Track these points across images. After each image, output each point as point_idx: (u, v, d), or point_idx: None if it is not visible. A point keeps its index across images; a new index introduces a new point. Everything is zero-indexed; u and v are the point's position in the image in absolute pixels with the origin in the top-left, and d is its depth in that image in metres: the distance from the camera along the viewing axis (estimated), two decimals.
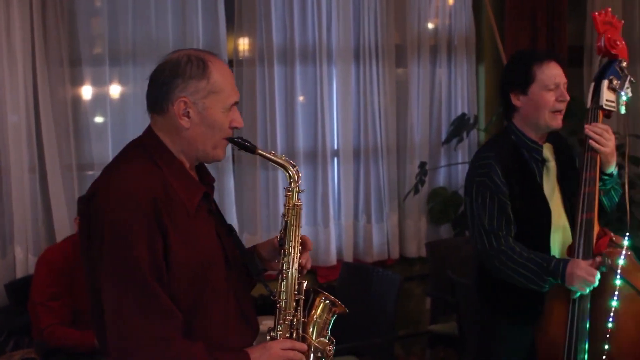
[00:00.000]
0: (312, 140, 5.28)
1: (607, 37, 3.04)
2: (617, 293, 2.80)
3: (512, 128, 3.09)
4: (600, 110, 3.01)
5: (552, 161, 3.08)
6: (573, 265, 2.84)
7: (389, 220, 5.52)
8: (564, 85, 3.02)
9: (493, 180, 2.98)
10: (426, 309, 5.57)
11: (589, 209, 2.91)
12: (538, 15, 5.62)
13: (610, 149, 2.95)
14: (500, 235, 2.96)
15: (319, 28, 5.20)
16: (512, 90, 3.04)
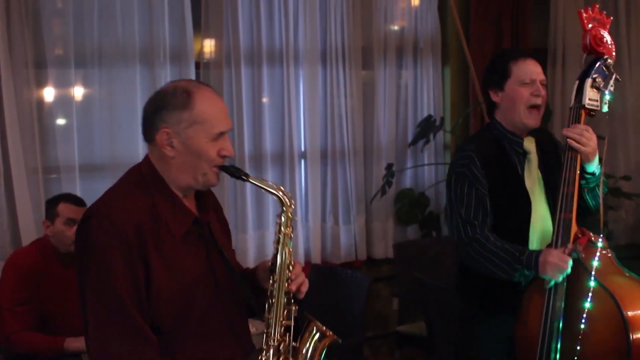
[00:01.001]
0: (279, 143, 5.28)
1: (593, 34, 3.05)
2: (590, 294, 2.81)
3: (494, 123, 3.18)
4: (583, 109, 3.02)
5: (533, 153, 3.14)
6: (545, 254, 2.88)
7: (356, 222, 5.54)
8: (541, 81, 3.08)
9: (472, 172, 3.06)
10: (393, 309, 5.60)
11: (567, 209, 2.93)
12: (503, 17, 5.68)
13: (591, 149, 2.98)
14: (476, 225, 3.03)
15: (285, 30, 5.20)
16: (491, 87, 3.14)
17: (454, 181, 3.11)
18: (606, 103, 3.04)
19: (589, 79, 3.02)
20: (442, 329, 4.29)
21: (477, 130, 3.68)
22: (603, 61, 3.05)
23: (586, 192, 3.09)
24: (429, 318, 4.55)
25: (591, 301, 2.81)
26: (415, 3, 5.70)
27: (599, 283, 2.82)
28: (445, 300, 4.22)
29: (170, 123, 2.19)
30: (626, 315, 2.74)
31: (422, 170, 5.78)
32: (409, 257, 5.24)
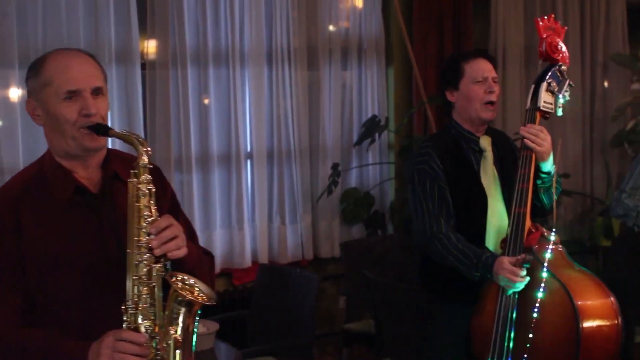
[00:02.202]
0: (225, 143, 5.28)
1: (549, 42, 3.18)
2: (543, 285, 2.93)
3: (451, 123, 3.30)
4: (538, 111, 3.14)
5: (489, 151, 3.26)
6: (498, 265, 2.98)
7: (302, 222, 5.58)
8: (493, 79, 3.22)
9: (432, 168, 3.19)
10: (340, 308, 5.65)
11: (522, 203, 3.04)
12: (445, 19, 5.78)
13: (545, 148, 3.09)
14: (441, 222, 3.14)
15: (231, 31, 5.21)
16: (446, 87, 3.27)
17: (417, 178, 3.22)
18: (560, 107, 3.17)
19: (544, 83, 3.14)
20: (389, 326, 4.36)
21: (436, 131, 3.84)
22: (557, 67, 3.18)
23: (542, 191, 3.20)
24: (376, 315, 4.61)
25: (544, 291, 2.92)
26: (359, 4, 5.76)
27: (551, 274, 2.93)
28: (393, 296, 4.29)
29: (31, 92, 2.18)
30: (577, 304, 2.86)
31: (367, 170, 5.85)
32: (356, 256, 5.30)
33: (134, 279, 2.08)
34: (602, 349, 2.91)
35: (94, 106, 2.13)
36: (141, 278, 2.08)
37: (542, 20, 3.22)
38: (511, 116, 6.09)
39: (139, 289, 2.08)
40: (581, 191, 6.34)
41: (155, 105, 5.00)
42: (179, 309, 2.08)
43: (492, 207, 3.21)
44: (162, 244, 2.07)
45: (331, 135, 5.67)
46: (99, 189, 2.21)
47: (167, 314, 2.09)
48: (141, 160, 2.11)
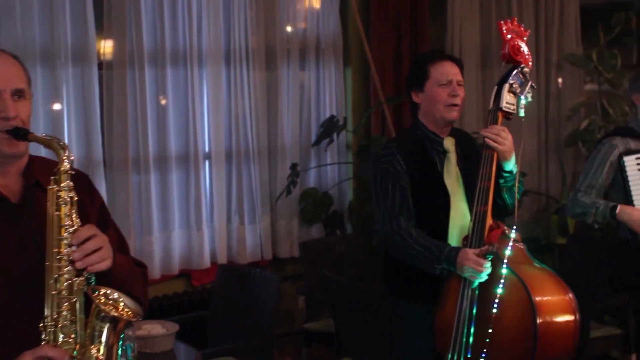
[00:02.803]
0: (183, 143, 5.25)
1: (511, 44, 3.23)
2: (503, 281, 2.97)
3: (416, 123, 3.35)
4: (500, 111, 3.20)
5: (452, 152, 3.31)
6: (462, 256, 3.04)
7: (261, 222, 5.58)
8: (458, 82, 3.26)
9: (395, 167, 3.22)
10: (299, 308, 5.66)
11: (483, 202, 3.10)
12: (402, 20, 5.82)
13: (507, 147, 3.15)
14: (401, 220, 3.18)
15: (189, 31, 5.19)
16: (412, 89, 3.32)
17: (379, 177, 3.26)
18: (522, 107, 3.22)
19: (507, 84, 3.20)
20: (349, 325, 4.38)
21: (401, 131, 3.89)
22: (520, 69, 3.23)
23: (505, 191, 3.26)
24: (335, 314, 4.63)
25: (503, 287, 2.97)
26: (317, 5, 5.78)
27: (511, 270, 2.99)
28: (353, 296, 4.31)
29: None
30: (534, 300, 2.91)
31: (326, 170, 5.87)
32: (315, 256, 5.31)
33: (53, 294, 1.94)
34: (560, 344, 2.96)
35: (13, 109, 2.02)
36: (61, 293, 1.94)
37: (505, 23, 3.27)
38: (467, 116, 6.14)
39: (59, 305, 1.94)
40: (537, 190, 6.43)
41: (112, 105, 4.96)
42: (102, 326, 1.96)
43: (455, 207, 3.25)
44: (84, 256, 1.94)
45: (289, 136, 5.67)
46: (19, 198, 2.08)
47: (88, 332, 1.96)
48: (62, 166, 2.00)
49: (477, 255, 3.01)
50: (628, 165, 3.86)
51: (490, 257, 3.00)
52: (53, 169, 2.03)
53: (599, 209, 3.90)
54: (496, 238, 3.06)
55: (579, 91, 6.55)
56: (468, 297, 3.04)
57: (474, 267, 2.99)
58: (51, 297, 1.95)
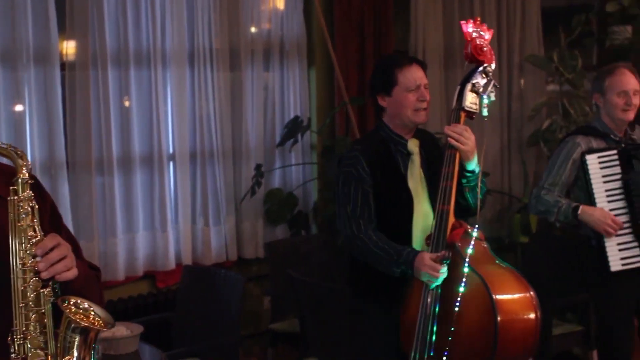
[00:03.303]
0: (147, 145, 5.23)
1: (474, 44, 3.23)
2: (464, 280, 3.01)
3: (381, 125, 3.35)
4: (463, 111, 3.21)
5: (416, 154, 3.31)
6: (419, 261, 3.07)
7: (226, 223, 5.57)
8: (425, 86, 3.27)
9: (358, 171, 3.23)
10: (265, 308, 5.66)
11: (445, 201, 3.12)
12: (365, 21, 5.85)
13: (469, 147, 3.17)
14: (361, 223, 3.19)
15: (153, 32, 5.17)
16: (378, 92, 3.31)
17: (341, 180, 3.27)
18: (485, 107, 3.23)
19: (469, 83, 3.22)
20: (314, 325, 4.40)
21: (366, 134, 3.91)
22: (483, 68, 3.24)
23: (467, 190, 3.28)
24: (301, 314, 4.65)
25: (465, 286, 3.01)
26: (281, 6, 5.79)
27: (472, 269, 3.01)
28: (318, 295, 4.33)
29: None
30: (494, 298, 2.95)
31: (290, 171, 5.88)
32: (280, 256, 5.33)
33: (21, 306, 1.91)
34: (520, 341, 3.00)
35: None
36: (28, 305, 1.91)
37: (468, 23, 3.28)
38: (431, 116, 6.14)
39: (27, 317, 1.91)
40: (499, 189, 6.49)
41: (75, 106, 4.93)
42: (73, 337, 1.93)
43: (418, 209, 3.27)
44: (50, 266, 1.90)
45: (254, 136, 5.67)
46: None
47: (60, 343, 1.93)
48: (22, 176, 1.95)
49: (433, 260, 3.03)
50: (590, 163, 3.92)
51: (447, 262, 3.02)
52: (9, 177, 1.98)
53: (561, 208, 3.96)
54: (458, 237, 3.09)
55: (541, 92, 6.62)
56: (430, 296, 3.07)
57: (429, 273, 3.02)
58: (19, 310, 1.91)
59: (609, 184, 3.90)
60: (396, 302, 3.21)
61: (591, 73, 6.91)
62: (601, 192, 3.90)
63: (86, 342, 1.95)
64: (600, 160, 3.91)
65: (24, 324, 1.92)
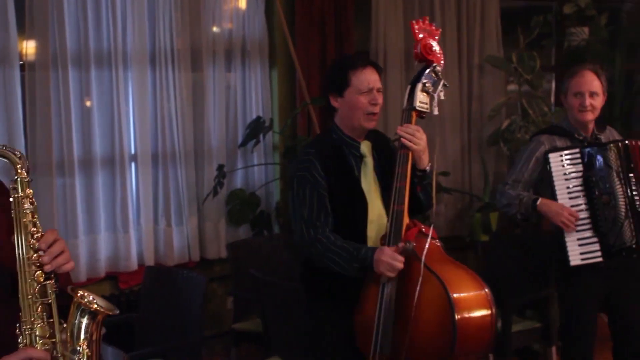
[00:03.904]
0: (109, 146, 5.22)
1: (423, 43, 3.24)
2: (421, 279, 3.02)
3: (333, 127, 3.33)
4: (414, 111, 3.22)
5: (369, 157, 3.31)
6: (379, 252, 3.07)
7: (189, 223, 5.57)
8: (378, 89, 3.25)
9: (312, 175, 3.20)
10: (228, 308, 5.67)
11: (399, 201, 3.13)
12: (327, 22, 5.87)
13: (421, 147, 3.19)
14: (318, 226, 3.18)
15: (113, 32, 5.15)
16: (330, 93, 3.28)
17: (296, 184, 3.23)
18: (436, 106, 3.26)
19: (420, 83, 3.23)
20: (277, 324, 4.41)
21: (318, 134, 3.87)
22: (432, 68, 3.26)
23: (419, 190, 3.29)
24: (264, 314, 4.66)
25: (422, 285, 3.01)
26: (242, 6, 5.79)
27: (428, 268, 3.03)
28: (280, 295, 4.35)
29: None
30: (452, 297, 2.97)
31: (253, 171, 5.89)
32: (242, 256, 5.33)
33: (29, 297, 2.02)
34: (477, 338, 3.04)
35: None
36: (35, 296, 2.02)
37: (417, 23, 3.29)
38: (392, 119, 6.21)
39: (34, 308, 2.03)
40: (460, 188, 6.55)
41: (35, 107, 4.90)
42: (81, 322, 2.07)
43: (372, 211, 3.27)
44: (53, 259, 2.03)
45: (216, 137, 5.68)
46: None
47: (70, 330, 2.07)
48: (21, 175, 2.06)
49: (393, 251, 3.05)
50: (553, 162, 4.01)
51: (407, 254, 3.05)
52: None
53: (522, 200, 4.07)
54: (413, 236, 3.10)
55: (500, 92, 6.70)
56: (387, 296, 3.08)
57: (389, 262, 3.02)
58: (27, 301, 2.02)
59: (571, 181, 3.99)
60: (350, 303, 3.21)
61: (549, 73, 7.04)
62: (563, 190, 4.00)
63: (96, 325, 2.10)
64: (562, 158, 4.01)
65: (31, 314, 2.02)
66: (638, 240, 3.95)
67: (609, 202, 3.94)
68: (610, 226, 3.93)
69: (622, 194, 3.95)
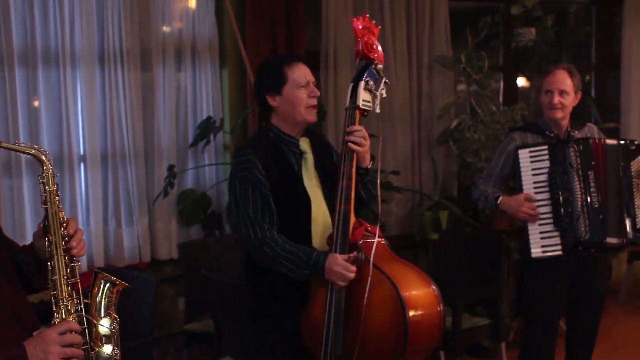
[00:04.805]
0: (57, 146, 5.16)
1: (365, 41, 3.25)
2: (370, 280, 3.03)
3: (270, 127, 3.31)
4: (357, 109, 3.23)
5: (309, 153, 3.32)
6: (331, 261, 3.07)
7: (139, 224, 5.53)
8: (313, 83, 3.28)
9: (254, 174, 3.18)
10: (180, 309, 5.64)
11: (346, 201, 3.14)
12: (277, 22, 5.86)
13: (366, 147, 3.22)
14: (265, 227, 3.16)
15: (61, 31, 5.09)
16: (267, 92, 3.26)
17: (238, 185, 3.21)
18: (378, 104, 3.27)
19: (362, 81, 3.24)
20: (228, 324, 4.40)
21: (254, 135, 3.85)
22: (374, 66, 3.27)
23: (360, 187, 3.31)
24: (216, 315, 4.65)
25: (371, 285, 3.03)
26: (192, 5, 5.76)
27: (378, 268, 3.05)
28: (232, 295, 4.34)
29: None
30: (403, 295, 2.99)
31: (204, 171, 5.86)
32: (194, 257, 5.31)
33: (65, 278, 2.31)
34: (427, 335, 3.07)
35: None
36: (67, 276, 2.32)
37: (358, 20, 3.29)
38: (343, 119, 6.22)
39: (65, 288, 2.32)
40: (410, 187, 6.60)
41: None
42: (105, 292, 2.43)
43: (316, 208, 3.27)
44: (79, 245, 2.36)
45: (166, 137, 5.64)
46: None
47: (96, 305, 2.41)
48: (48, 169, 2.38)
49: (345, 260, 3.06)
50: (521, 157, 4.16)
51: (359, 263, 3.06)
52: None
53: (487, 197, 4.25)
54: (360, 236, 3.11)
55: (450, 92, 6.76)
56: (337, 297, 3.09)
57: (342, 273, 3.03)
58: (62, 280, 2.32)
59: (537, 176, 4.15)
60: (297, 304, 3.22)
61: (498, 73, 7.13)
62: (529, 185, 4.16)
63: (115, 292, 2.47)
64: (531, 154, 4.16)
65: (63, 292, 2.32)
66: (592, 236, 4.06)
67: (568, 198, 4.06)
68: (568, 221, 4.05)
69: (579, 191, 4.07)
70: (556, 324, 4.38)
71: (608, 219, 4.08)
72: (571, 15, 7.97)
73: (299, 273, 3.14)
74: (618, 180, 4.11)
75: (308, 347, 3.23)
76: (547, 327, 4.29)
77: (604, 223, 4.07)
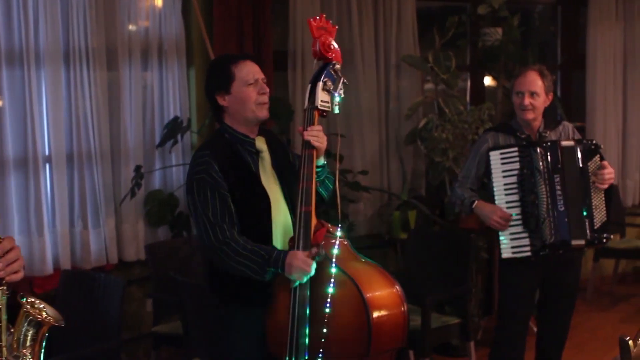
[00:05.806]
0: (21, 147, 5.08)
1: (322, 41, 3.24)
2: (333, 280, 3.03)
3: (224, 128, 3.30)
4: (316, 110, 3.22)
5: (265, 152, 3.31)
6: (291, 257, 3.06)
7: (106, 225, 5.47)
8: (263, 80, 3.26)
9: (211, 176, 3.15)
10: (148, 311, 5.59)
11: (307, 202, 3.13)
12: (245, 21, 5.84)
13: (324, 146, 3.24)
14: (225, 228, 3.13)
15: (25, 30, 5.01)
16: (216, 92, 3.25)
17: (195, 187, 3.18)
18: (337, 104, 3.26)
19: (320, 82, 3.22)
20: (197, 326, 4.38)
21: (208, 137, 3.84)
22: (332, 66, 3.26)
23: (318, 184, 3.31)
24: (184, 316, 4.62)
25: (334, 286, 3.03)
26: (159, 4, 5.71)
27: (340, 269, 3.04)
28: (199, 297, 4.32)
29: None
30: (366, 297, 2.99)
31: (171, 171, 5.82)
32: (162, 258, 5.27)
33: None
34: (391, 336, 3.07)
35: None
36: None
37: (315, 20, 3.28)
38: None
39: None
40: (379, 187, 6.61)
41: None
42: (28, 330, 2.16)
43: (276, 208, 3.26)
44: (7, 266, 2.08)
45: (133, 137, 5.59)
46: None
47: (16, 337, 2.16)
48: None
49: (305, 256, 3.05)
50: (492, 159, 4.21)
51: (318, 258, 3.04)
52: None
53: (463, 202, 4.31)
54: (322, 237, 3.09)
55: (417, 91, 6.78)
56: (300, 299, 3.07)
57: (301, 267, 3.02)
58: None
59: (507, 178, 4.20)
60: (261, 306, 3.20)
61: (465, 73, 7.17)
62: (500, 186, 4.21)
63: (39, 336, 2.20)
64: (502, 156, 4.20)
65: None
66: (557, 239, 4.10)
67: (535, 201, 4.10)
68: (535, 223, 4.10)
69: (544, 195, 4.11)
70: (527, 322, 4.42)
71: (572, 222, 4.12)
72: (537, 15, 8.03)
73: (261, 272, 3.11)
74: (577, 181, 4.15)
75: (272, 349, 3.21)
76: (519, 324, 4.33)
77: (569, 226, 4.11)
